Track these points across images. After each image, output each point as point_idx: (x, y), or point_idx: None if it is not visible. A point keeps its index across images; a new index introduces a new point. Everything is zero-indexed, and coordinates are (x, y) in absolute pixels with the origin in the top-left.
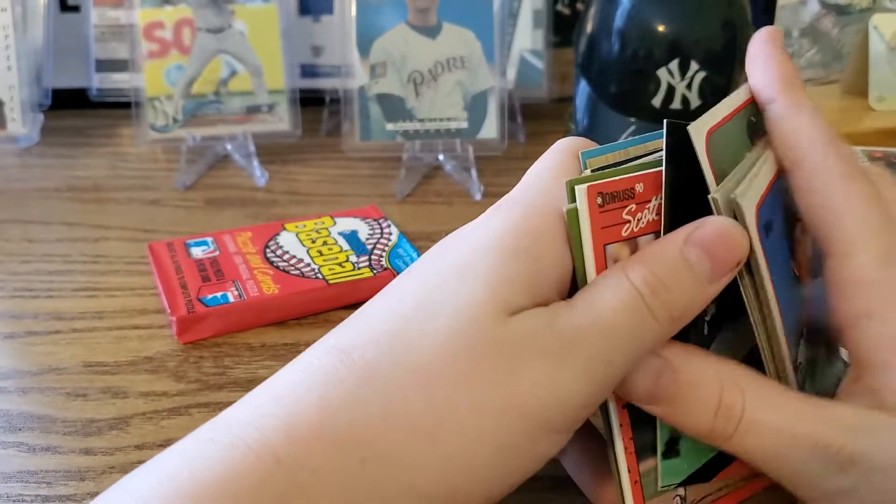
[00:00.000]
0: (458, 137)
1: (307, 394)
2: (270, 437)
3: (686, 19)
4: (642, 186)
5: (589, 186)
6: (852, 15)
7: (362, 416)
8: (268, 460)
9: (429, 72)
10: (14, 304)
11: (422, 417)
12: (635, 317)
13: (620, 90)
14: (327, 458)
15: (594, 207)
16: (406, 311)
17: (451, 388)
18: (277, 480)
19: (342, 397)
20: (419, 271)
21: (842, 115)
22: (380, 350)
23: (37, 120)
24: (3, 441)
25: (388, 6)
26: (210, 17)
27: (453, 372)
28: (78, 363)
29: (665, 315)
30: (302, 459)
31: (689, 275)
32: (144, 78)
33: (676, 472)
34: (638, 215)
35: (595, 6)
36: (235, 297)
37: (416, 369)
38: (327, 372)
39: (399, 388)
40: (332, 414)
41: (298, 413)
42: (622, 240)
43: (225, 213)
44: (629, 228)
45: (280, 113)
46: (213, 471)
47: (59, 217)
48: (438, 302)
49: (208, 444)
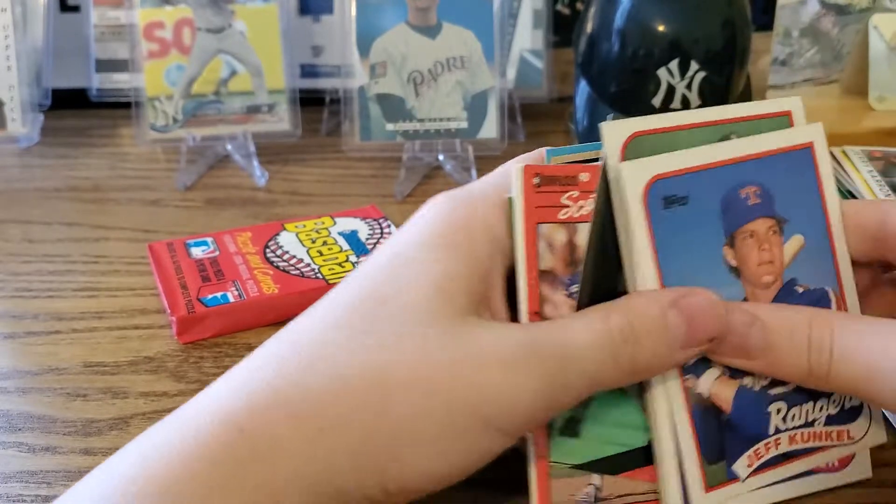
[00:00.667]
0: (457, 137)
1: (264, 374)
2: (230, 409)
3: (686, 19)
4: (588, 176)
5: (525, 166)
6: (852, 15)
7: (312, 389)
8: (232, 432)
9: (429, 72)
10: (14, 304)
11: (371, 390)
12: (601, 356)
13: (620, 90)
14: (283, 426)
15: (529, 186)
16: (354, 301)
17: (403, 367)
18: (242, 448)
19: (295, 374)
20: (365, 265)
21: (842, 115)
22: (325, 333)
23: (37, 120)
24: (3, 441)
25: (388, 6)
26: (210, 17)
27: (406, 351)
28: (78, 363)
29: (628, 365)
30: (262, 428)
31: (664, 337)
32: (144, 78)
33: (572, 454)
34: (580, 202)
35: (595, 6)
36: (235, 298)
37: (367, 348)
38: (282, 356)
39: (349, 364)
40: (284, 389)
41: (258, 391)
42: (558, 222)
43: (225, 213)
44: (568, 213)
45: (280, 113)
46: (175, 438)
47: (60, 217)
48: (387, 291)
49: (175, 418)
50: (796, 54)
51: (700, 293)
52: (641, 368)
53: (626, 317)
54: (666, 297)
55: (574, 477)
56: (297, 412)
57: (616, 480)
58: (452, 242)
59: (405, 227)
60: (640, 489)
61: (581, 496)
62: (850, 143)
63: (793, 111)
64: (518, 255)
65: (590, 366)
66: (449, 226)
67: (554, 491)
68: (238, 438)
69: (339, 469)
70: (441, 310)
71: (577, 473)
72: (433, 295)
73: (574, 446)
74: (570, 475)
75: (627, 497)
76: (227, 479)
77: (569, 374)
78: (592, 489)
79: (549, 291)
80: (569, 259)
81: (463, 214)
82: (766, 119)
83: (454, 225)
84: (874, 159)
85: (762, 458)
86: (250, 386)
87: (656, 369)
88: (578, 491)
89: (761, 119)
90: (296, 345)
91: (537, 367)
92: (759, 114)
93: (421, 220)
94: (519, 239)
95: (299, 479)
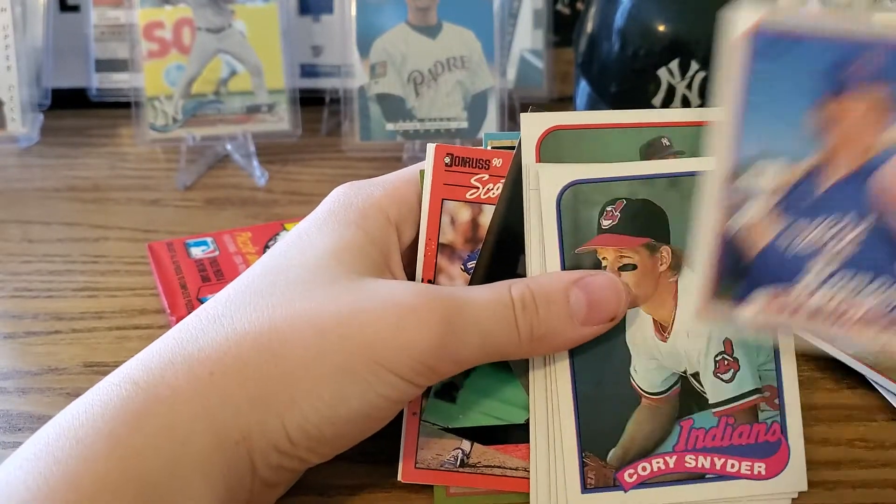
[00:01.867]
0: (458, 137)
1: (161, 342)
2: (127, 370)
3: (686, 19)
4: (500, 162)
5: (438, 145)
6: None
7: (210, 340)
8: (127, 386)
9: (429, 71)
10: (14, 304)
11: (266, 336)
12: (499, 317)
13: (620, 90)
14: (180, 375)
15: (440, 164)
16: (257, 273)
17: (298, 318)
18: (138, 398)
19: (192, 334)
20: (274, 247)
21: None
22: (229, 300)
23: (36, 120)
24: (2, 441)
25: (388, 6)
26: (210, 17)
27: (302, 305)
28: (78, 363)
29: (526, 331)
30: (158, 379)
31: (563, 310)
32: (144, 78)
33: (445, 417)
34: (489, 185)
35: (595, 6)
36: None
37: (265, 306)
38: (181, 325)
39: (247, 319)
40: (184, 343)
41: (153, 351)
42: (464, 201)
43: (225, 213)
44: (476, 194)
45: (280, 113)
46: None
47: (59, 217)
48: (286, 262)
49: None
50: None
51: (603, 276)
52: (539, 337)
53: (529, 287)
54: (570, 276)
55: (443, 438)
56: (192, 363)
57: (486, 451)
58: (346, 219)
59: (311, 213)
60: (511, 464)
61: (447, 457)
62: None
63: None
64: (421, 225)
65: (486, 322)
66: (343, 206)
67: (421, 447)
68: (133, 390)
69: (239, 411)
70: (336, 271)
71: (446, 436)
72: (328, 260)
73: (448, 410)
74: (439, 436)
75: (496, 469)
76: (128, 425)
77: (465, 325)
78: (459, 453)
79: (445, 263)
80: (469, 236)
81: (358, 198)
82: (705, 127)
83: (348, 206)
84: None
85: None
86: (149, 352)
87: (556, 343)
88: (446, 452)
89: (699, 126)
90: (199, 314)
91: (433, 312)
92: (696, 120)
93: (322, 206)
94: (424, 210)
95: (201, 421)
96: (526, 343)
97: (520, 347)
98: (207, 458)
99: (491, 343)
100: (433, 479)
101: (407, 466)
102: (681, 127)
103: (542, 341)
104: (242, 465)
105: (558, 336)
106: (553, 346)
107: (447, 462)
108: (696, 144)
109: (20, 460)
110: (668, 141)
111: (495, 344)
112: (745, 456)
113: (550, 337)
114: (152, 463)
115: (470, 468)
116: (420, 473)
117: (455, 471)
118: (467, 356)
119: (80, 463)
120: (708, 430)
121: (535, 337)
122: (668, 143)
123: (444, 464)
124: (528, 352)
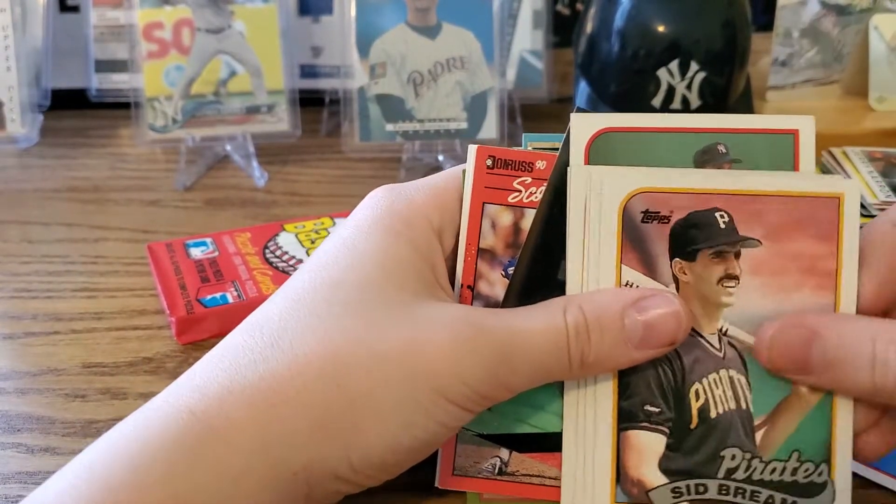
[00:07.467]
0: (457, 138)
1: (218, 363)
2: (183, 395)
3: (686, 19)
4: (544, 164)
5: (479, 147)
6: (852, 15)
7: (271, 368)
8: (184, 415)
9: (428, 72)
10: (13, 304)
11: (328, 365)
12: (552, 346)
13: (620, 90)
14: (238, 406)
15: (481, 167)
16: (307, 287)
17: (358, 343)
18: (194, 430)
19: (250, 358)
20: (316, 255)
21: (842, 115)
22: (283, 320)
23: (36, 120)
24: (2, 442)
25: (388, 6)
26: (209, 18)
27: (360, 329)
28: (77, 364)
29: (577, 358)
30: (215, 410)
31: (617, 336)
32: (144, 78)
33: (482, 424)
34: (532, 189)
35: (595, 6)
36: (234, 298)
37: (323, 329)
38: (237, 345)
39: (306, 343)
40: (241, 372)
41: (210, 378)
42: (506, 205)
43: (224, 213)
44: (518, 197)
45: (279, 113)
46: (126, 432)
47: (59, 218)
48: (338, 276)
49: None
50: (796, 55)
51: (665, 298)
52: (590, 362)
53: (584, 311)
54: (626, 296)
55: (481, 446)
56: (253, 393)
57: (524, 459)
58: (391, 228)
59: (349, 219)
60: (550, 473)
61: (485, 465)
62: (850, 144)
63: (801, 131)
64: (462, 229)
65: (537, 354)
66: (387, 213)
67: (459, 455)
68: (190, 420)
69: (299, 444)
70: (389, 290)
71: (484, 443)
72: (379, 277)
73: (485, 417)
74: (478, 444)
75: (535, 478)
76: (185, 461)
77: (515, 358)
78: (498, 461)
79: (486, 269)
80: (511, 241)
81: (400, 203)
82: (764, 135)
83: (392, 213)
84: (874, 160)
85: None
86: (206, 376)
87: (606, 367)
88: (484, 460)
89: (758, 134)
90: (254, 333)
91: (484, 346)
92: (755, 128)
93: (363, 211)
94: (465, 214)
95: (257, 457)
96: (577, 369)
97: (570, 373)
98: (261, 493)
99: (541, 369)
100: (471, 486)
101: (444, 472)
102: (738, 134)
103: (593, 367)
104: (298, 493)
105: (609, 361)
106: (603, 369)
107: (485, 470)
108: (753, 152)
109: (70, 483)
110: (725, 148)
111: (546, 370)
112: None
113: (602, 362)
114: (204, 499)
115: (508, 476)
116: (457, 480)
117: (493, 478)
118: (518, 383)
119: (134, 493)
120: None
121: (585, 364)
122: (724, 151)
123: (482, 471)
124: (577, 376)
